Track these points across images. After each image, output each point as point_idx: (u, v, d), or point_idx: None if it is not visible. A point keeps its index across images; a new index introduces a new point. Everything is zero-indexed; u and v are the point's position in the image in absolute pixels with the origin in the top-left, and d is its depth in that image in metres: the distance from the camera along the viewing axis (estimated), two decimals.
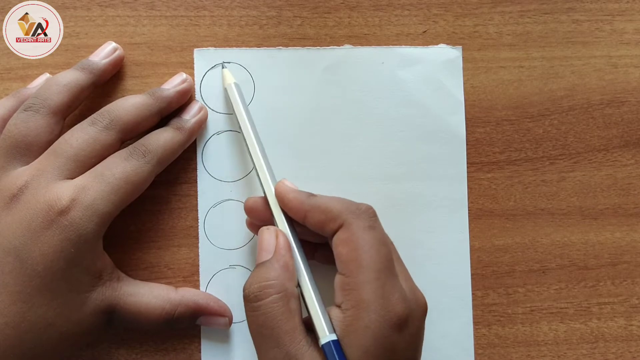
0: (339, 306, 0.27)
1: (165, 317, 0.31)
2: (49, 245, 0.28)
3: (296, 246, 0.29)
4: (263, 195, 0.31)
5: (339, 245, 0.28)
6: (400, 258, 0.30)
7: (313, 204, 0.29)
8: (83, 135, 0.30)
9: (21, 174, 0.29)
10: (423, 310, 0.29)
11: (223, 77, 0.34)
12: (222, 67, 0.34)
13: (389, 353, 0.26)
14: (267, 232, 0.29)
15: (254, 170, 0.32)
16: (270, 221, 0.31)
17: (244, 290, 0.28)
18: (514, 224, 0.36)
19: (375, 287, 0.27)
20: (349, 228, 0.28)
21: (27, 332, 0.28)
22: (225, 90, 0.34)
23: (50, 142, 0.30)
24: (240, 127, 0.32)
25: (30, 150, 0.30)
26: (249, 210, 0.31)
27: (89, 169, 0.30)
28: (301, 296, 0.28)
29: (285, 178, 0.31)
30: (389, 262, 0.28)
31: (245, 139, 0.32)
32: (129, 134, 0.31)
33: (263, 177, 0.31)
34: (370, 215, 0.29)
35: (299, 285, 0.28)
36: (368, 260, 0.27)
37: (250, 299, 0.27)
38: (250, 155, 0.32)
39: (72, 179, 0.29)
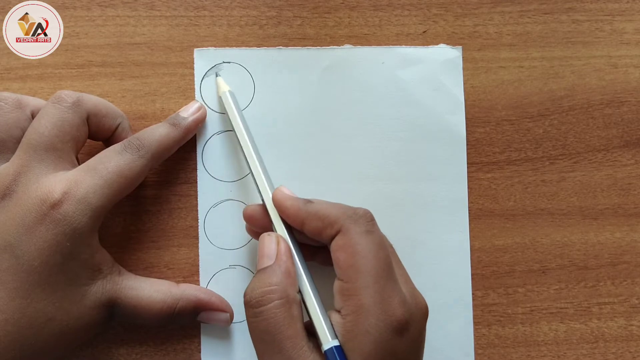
0: (338, 311, 0.27)
1: (166, 311, 0.31)
2: (44, 239, 0.28)
3: (296, 252, 0.29)
4: (261, 202, 0.31)
5: (337, 251, 0.28)
6: (400, 261, 0.30)
7: (310, 210, 0.29)
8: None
9: (6, 170, 0.29)
10: (424, 313, 0.29)
11: (217, 85, 0.34)
12: (216, 76, 0.34)
13: (390, 357, 0.26)
14: (268, 238, 0.29)
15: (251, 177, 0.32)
16: (269, 228, 0.31)
17: (245, 296, 0.28)
18: (514, 224, 0.36)
19: (374, 291, 0.26)
20: (346, 233, 0.28)
21: (27, 327, 0.28)
22: (220, 98, 0.34)
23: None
24: (236, 135, 0.32)
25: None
26: (248, 218, 0.31)
27: None
28: (302, 302, 0.28)
29: (282, 185, 0.31)
30: (387, 266, 0.28)
31: (241, 147, 0.32)
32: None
33: (261, 185, 0.31)
34: (367, 219, 0.28)
35: (299, 291, 0.28)
36: (366, 265, 0.27)
37: (252, 305, 0.27)
38: (248, 162, 0.32)
39: None
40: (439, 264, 0.35)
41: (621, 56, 0.37)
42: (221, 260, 0.34)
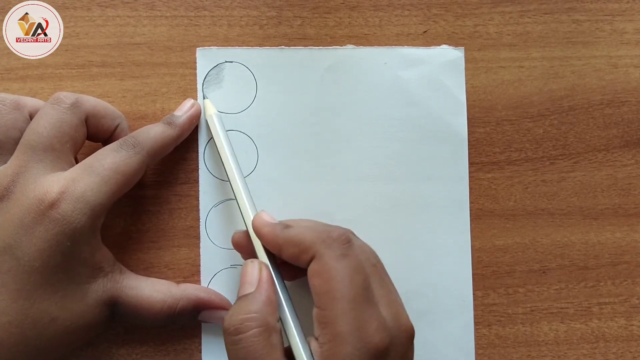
0: (317, 339, 0.27)
1: (167, 311, 0.31)
2: (44, 240, 0.27)
3: (277, 280, 0.29)
4: (246, 228, 0.31)
5: (312, 278, 0.27)
6: (385, 279, 0.29)
7: (286, 237, 0.28)
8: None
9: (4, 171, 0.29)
10: (407, 336, 0.28)
11: (204, 108, 0.34)
12: (204, 98, 0.34)
13: None
14: (250, 265, 0.29)
15: (235, 202, 0.32)
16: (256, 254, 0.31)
17: (223, 323, 0.27)
18: (514, 224, 0.36)
19: (350, 318, 0.26)
20: (320, 259, 0.27)
21: (31, 328, 0.27)
22: (206, 120, 0.34)
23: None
24: (221, 159, 0.32)
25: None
26: (235, 245, 0.31)
27: None
28: (283, 330, 0.28)
29: (263, 210, 0.31)
30: (364, 290, 0.27)
31: (226, 171, 0.32)
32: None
33: (244, 211, 0.31)
34: (342, 242, 0.28)
35: (280, 320, 0.28)
36: (341, 291, 0.26)
37: (231, 332, 0.26)
38: (232, 187, 0.32)
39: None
40: (439, 264, 0.35)
41: (621, 56, 0.37)
42: (222, 260, 0.34)
